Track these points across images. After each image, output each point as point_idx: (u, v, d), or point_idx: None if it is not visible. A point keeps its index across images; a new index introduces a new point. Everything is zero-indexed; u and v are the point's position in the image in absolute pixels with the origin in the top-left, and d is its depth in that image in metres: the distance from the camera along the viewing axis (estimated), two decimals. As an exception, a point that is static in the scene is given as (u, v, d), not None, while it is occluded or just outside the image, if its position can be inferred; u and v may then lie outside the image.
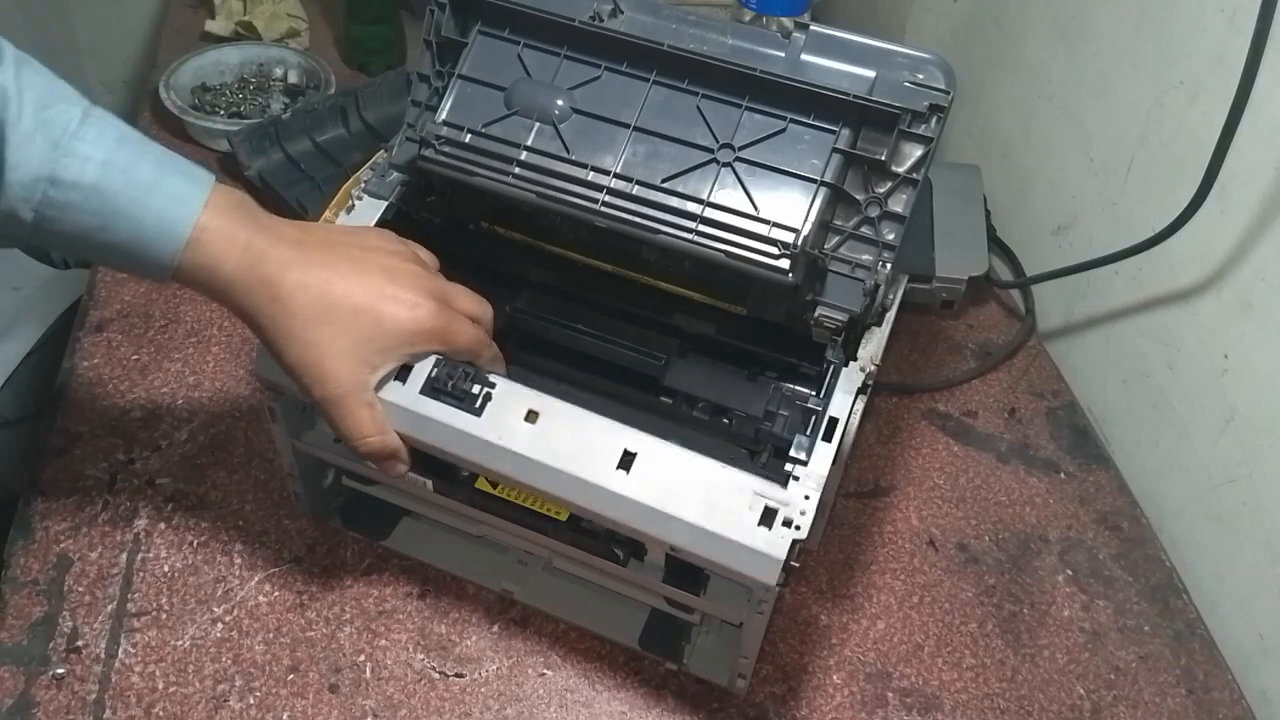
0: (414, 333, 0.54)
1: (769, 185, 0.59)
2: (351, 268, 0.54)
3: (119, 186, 0.49)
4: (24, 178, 0.48)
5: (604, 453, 0.53)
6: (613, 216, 0.60)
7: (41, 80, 0.50)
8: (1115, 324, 0.87)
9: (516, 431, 0.54)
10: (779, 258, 0.58)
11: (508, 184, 0.62)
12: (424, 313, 0.54)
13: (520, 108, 0.63)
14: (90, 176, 0.49)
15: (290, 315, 0.52)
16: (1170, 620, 0.73)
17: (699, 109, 0.61)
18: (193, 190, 0.51)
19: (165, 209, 0.50)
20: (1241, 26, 0.67)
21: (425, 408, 0.55)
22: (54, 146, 0.48)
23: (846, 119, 0.59)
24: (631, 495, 0.52)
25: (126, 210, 0.49)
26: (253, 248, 0.52)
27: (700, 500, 0.52)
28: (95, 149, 0.49)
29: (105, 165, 0.49)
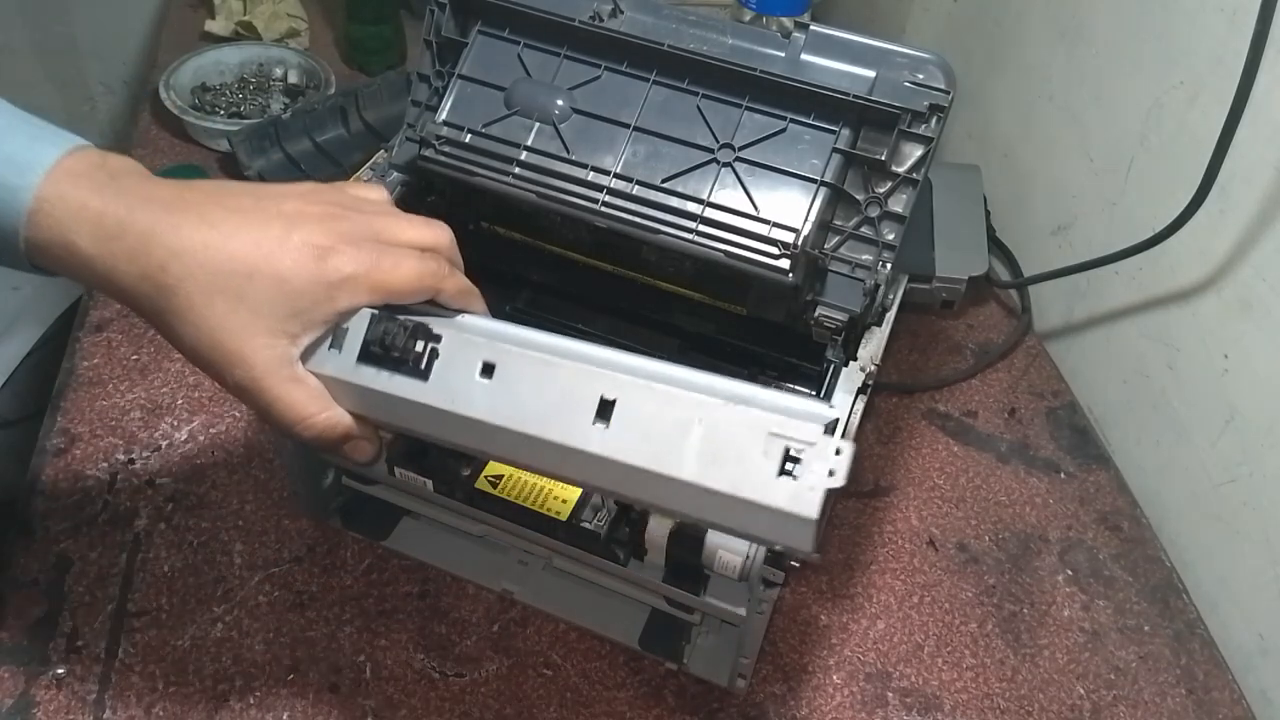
0: (330, 284, 0.43)
1: (769, 185, 0.59)
2: (240, 220, 0.43)
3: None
4: None
5: (577, 404, 0.43)
6: (613, 216, 0.60)
7: None
8: (1115, 324, 0.87)
9: (471, 392, 0.44)
10: (779, 258, 0.58)
11: (508, 184, 0.62)
12: (340, 260, 0.44)
13: (520, 107, 0.63)
14: None
15: (170, 293, 0.42)
16: (1170, 620, 0.73)
17: (699, 109, 0.61)
18: (34, 153, 0.41)
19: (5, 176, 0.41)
20: (1241, 26, 0.67)
21: (363, 377, 0.45)
22: None
23: (846, 119, 0.59)
24: (613, 454, 0.42)
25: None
26: (109, 215, 0.41)
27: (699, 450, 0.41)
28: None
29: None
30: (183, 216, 0.43)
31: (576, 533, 0.57)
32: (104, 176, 0.43)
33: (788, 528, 0.40)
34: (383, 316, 0.45)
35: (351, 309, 0.45)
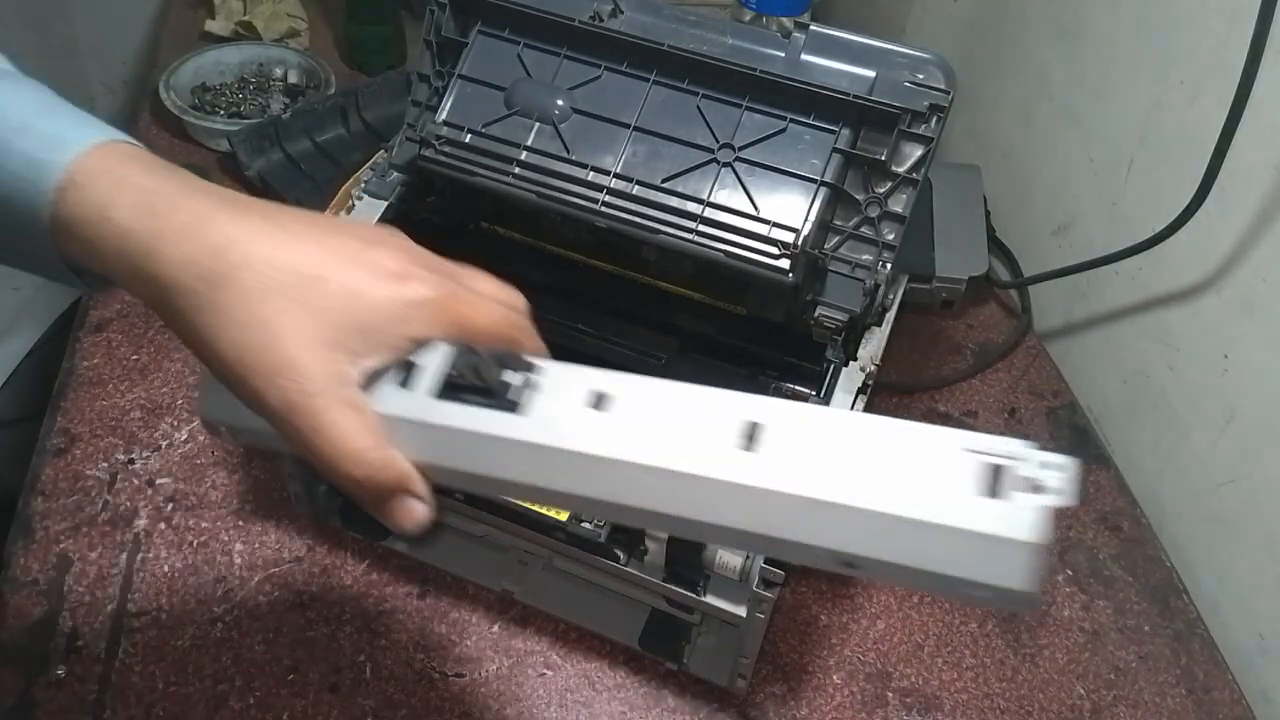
0: (407, 304, 0.37)
1: (769, 185, 0.60)
2: (311, 228, 0.38)
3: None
4: None
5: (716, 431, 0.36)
6: (613, 216, 0.60)
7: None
8: (1115, 324, 0.87)
9: (581, 425, 0.37)
10: (779, 258, 0.58)
11: (508, 184, 0.62)
12: (419, 284, 0.38)
13: (520, 107, 0.63)
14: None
15: (220, 281, 0.35)
16: (1170, 620, 0.73)
17: (699, 109, 0.61)
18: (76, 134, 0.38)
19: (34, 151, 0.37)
20: (1241, 26, 0.67)
21: (441, 414, 0.37)
22: None
23: (846, 119, 0.59)
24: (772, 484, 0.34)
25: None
26: (160, 193, 0.37)
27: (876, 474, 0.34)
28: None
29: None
30: (247, 210, 0.38)
31: (577, 534, 0.57)
32: (157, 163, 0.39)
33: (1000, 560, 0.32)
34: (466, 349, 0.38)
35: (424, 337, 0.38)
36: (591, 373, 0.38)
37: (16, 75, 0.40)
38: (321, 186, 0.92)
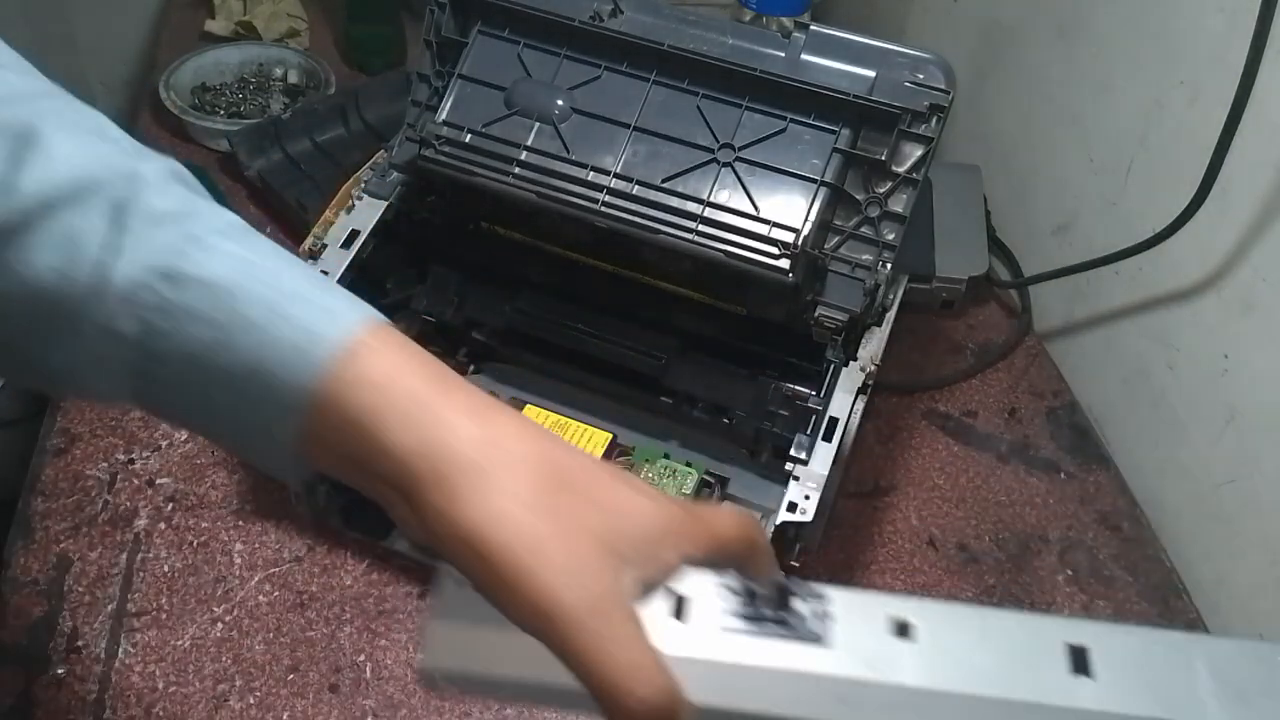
0: (669, 518, 0.35)
1: (769, 185, 0.60)
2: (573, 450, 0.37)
3: (255, 288, 0.35)
4: (134, 271, 0.34)
5: (1038, 656, 0.34)
6: (613, 216, 0.60)
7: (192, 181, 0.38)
8: (1115, 324, 0.87)
9: (894, 656, 0.34)
10: (779, 258, 0.58)
11: (508, 184, 0.62)
12: (673, 507, 0.36)
13: (520, 108, 0.63)
14: (223, 272, 0.35)
15: (502, 463, 0.34)
16: (1170, 620, 0.73)
17: (699, 109, 0.61)
18: (350, 306, 0.36)
19: (312, 320, 0.35)
20: (1241, 26, 0.67)
21: (733, 650, 0.34)
22: (187, 237, 0.35)
23: (847, 119, 0.59)
24: (1113, 708, 0.33)
25: (259, 320, 0.34)
26: (445, 372, 0.36)
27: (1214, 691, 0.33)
28: (236, 246, 0.36)
29: (245, 262, 0.35)
30: (521, 420, 0.36)
31: None
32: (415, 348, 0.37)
33: None
34: (735, 576, 0.36)
35: (686, 553, 0.36)
36: (880, 597, 0.35)
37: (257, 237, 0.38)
38: (321, 186, 0.92)
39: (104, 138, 0.36)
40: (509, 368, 0.72)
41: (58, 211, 0.34)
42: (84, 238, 0.34)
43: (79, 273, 0.34)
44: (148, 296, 0.34)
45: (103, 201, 0.34)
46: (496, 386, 0.69)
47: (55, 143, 0.34)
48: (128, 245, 0.34)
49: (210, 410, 0.36)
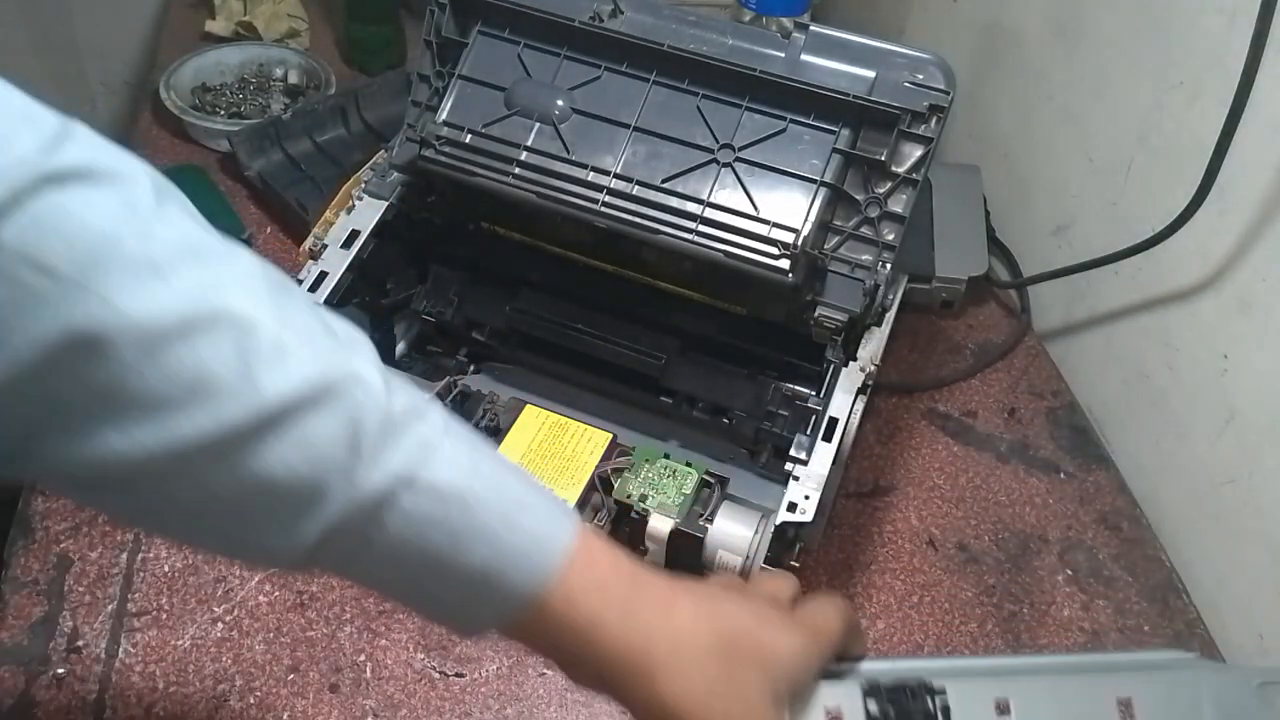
0: (807, 662, 0.43)
1: (769, 185, 0.60)
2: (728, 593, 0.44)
3: (487, 495, 0.38)
4: (378, 479, 0.36)
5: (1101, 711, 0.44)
6: (613, 217, 0.60)
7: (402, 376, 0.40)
8: (1115, 324, 0.87)
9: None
10: (779, 258, 0.58)
11: (508, 184, 0.62)
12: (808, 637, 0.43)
13: (520, 108, 0.63)
14: (458, 480, 0.37)
15: (688, 651, 0.40)
16: (1170, 620, 0.73)
17: (699, 109, 0.61)
18: (564, 511, 0.41)
19: (538, 528, 0.39)
20: (1241, 27, 0.67)
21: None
22: (423, 443, 0.37)
23: (846, 119, 0.59)
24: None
25: (488, 527, 0.37)
26: (637, 570, 0.41)
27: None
28: (457, 442, 0.38)
29: (473, 468, 0.38)
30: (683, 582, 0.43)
31: None
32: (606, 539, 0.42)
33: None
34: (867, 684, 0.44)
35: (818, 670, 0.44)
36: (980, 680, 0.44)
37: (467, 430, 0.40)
38: (321, 187, 0.92)
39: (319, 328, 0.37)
40: (509, 368, 0.72)
41: (300, 416, 0.34)
42: (327, 447, 0.35)
43: (322, 479, 0.35)
44: (389, 504, 0.36)
45: (340, 406, 0.35)
46: (497, 386, 0.69)
47: (284, 341, 0.35)
48: (368, 453, 0.35)
49: (422, 593, 0.39)
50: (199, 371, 0.33)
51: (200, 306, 0.33)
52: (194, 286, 0.33)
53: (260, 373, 0.34)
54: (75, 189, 0.32)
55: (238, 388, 0.33)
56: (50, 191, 0.31)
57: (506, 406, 0.63)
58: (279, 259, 0.90)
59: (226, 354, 0.33)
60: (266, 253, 0.90)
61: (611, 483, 0.58)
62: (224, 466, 0.34)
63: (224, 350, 0.33)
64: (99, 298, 0.31)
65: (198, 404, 0.33)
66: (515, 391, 0.68)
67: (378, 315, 0.70)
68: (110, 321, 0.31)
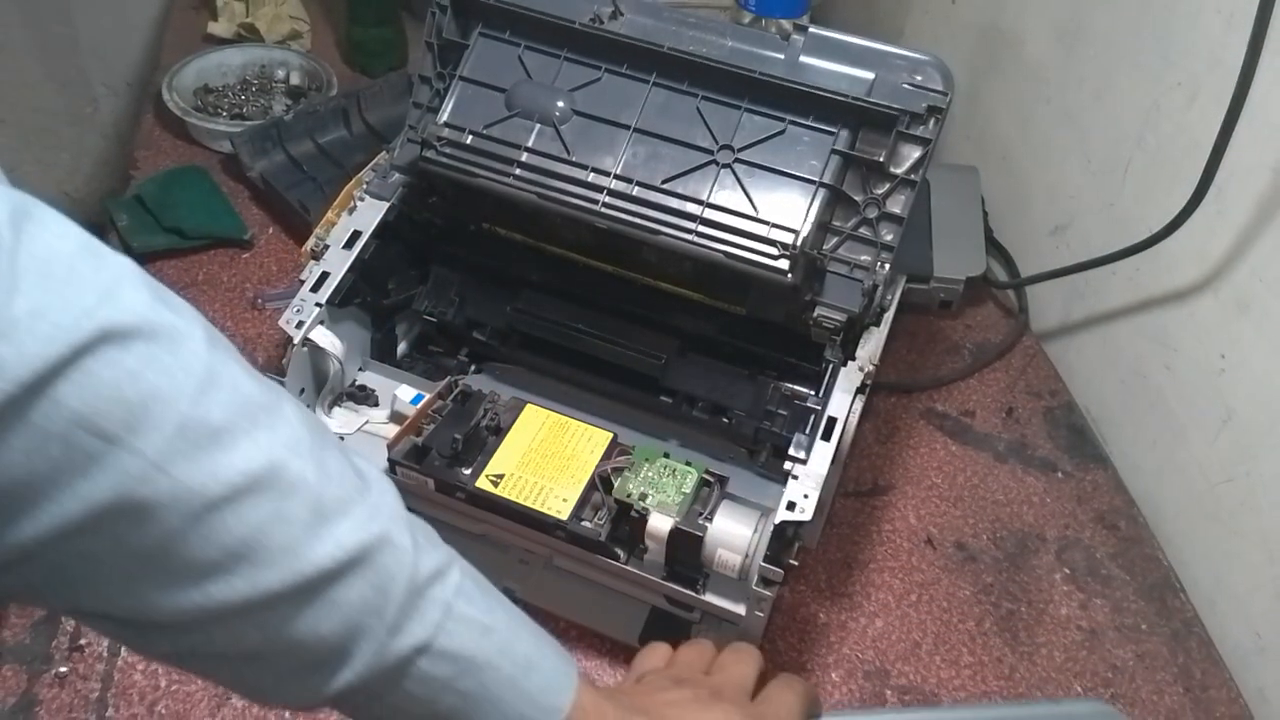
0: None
1: (768, 186, 0.60)
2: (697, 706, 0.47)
3: (497, 660, 0.39)
4: (402, 648, 0.37)
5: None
6: (613, 217, 0.61)
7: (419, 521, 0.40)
8: (1113, 324, 0.88)
9: None
10: (778, 258, 0.58)
11: (509, 185, 0.62)
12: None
13: (521, 109, 0.63)
14: (471, 646, 0.39)
15: None
16: (1168, 619, 0.73)
17: (699, 110, 0.61)
18: (565, 669, 0.43)
19: (541, 694, 0.41)
20: (1239, 28, 0.68)
21: None
22: (444, 608, 0.38)
23: (845, 120, 0.60)
24: None
25: (497, 692, 0.39)
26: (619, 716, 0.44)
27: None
28: (471, 605, 0.40)
29: (485, 631, 0.40)
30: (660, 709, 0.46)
31: (577, 533, 0.58)
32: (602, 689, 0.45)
33: None
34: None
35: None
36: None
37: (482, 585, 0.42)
38: (323, 188, 0.93)
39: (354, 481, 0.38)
40: (510, 367, 0.73)
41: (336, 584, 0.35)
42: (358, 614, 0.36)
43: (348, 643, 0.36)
44: (407, 668, 0.37)
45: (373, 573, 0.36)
46: (497, 386, 0.69)
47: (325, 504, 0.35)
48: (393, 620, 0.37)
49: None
50: (245, 540, 0.33)
51: (251, 472, 0.33)
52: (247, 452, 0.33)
53: (302, 541, 0.35)
54: (133, 347, 0.31)
55: (279, 557, 0.34)
56: (108, 350, 0.31)
57: (507, 406, 0.63)
58: (281, 259, 0.90)
59: (272, 520, 0.34)
60: (268, 253, 0.91)
61: (612, 482, 0.59)
62: (256, 626, 0.35)
63: (269, 516, 0.34)
64: (152, 464, 0.31)
65: (240, 571, 0.33)
66: (516, 391, 0.68)
67: (379, 315, 0.71)
68: (164, 488, 0.32)
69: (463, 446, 0.60)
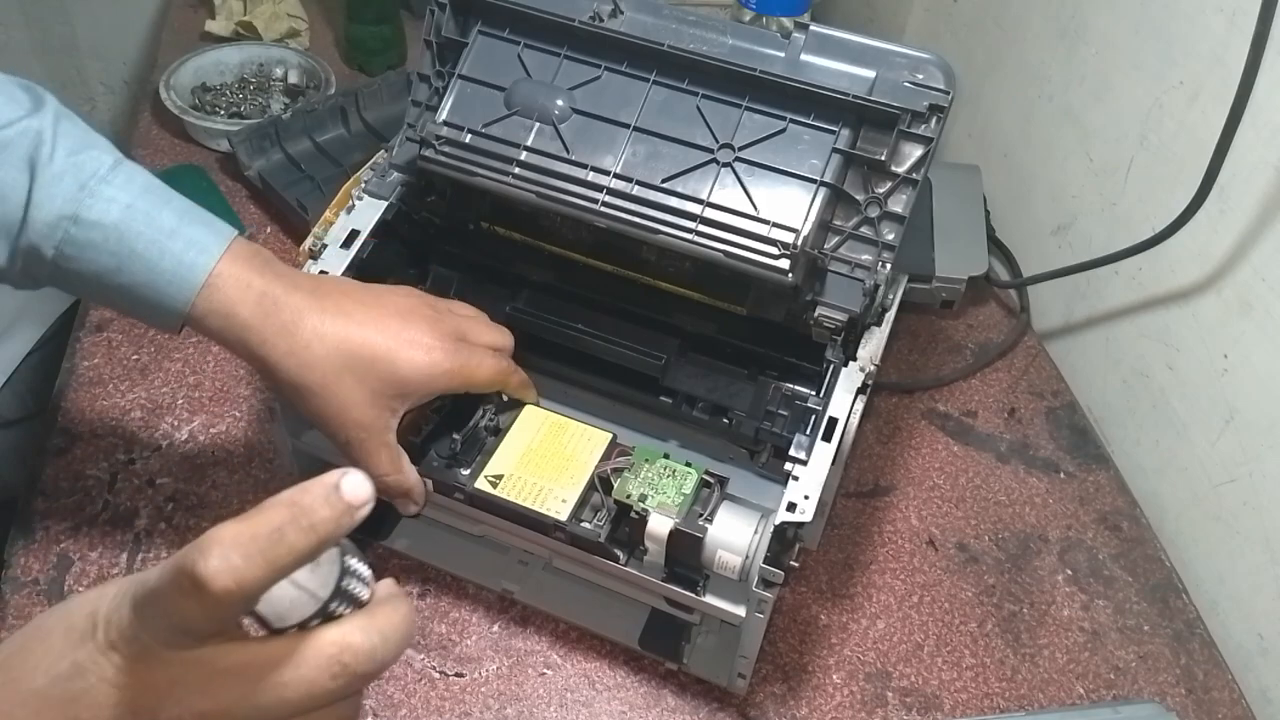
0: (432, 375, 0.55)
1: (769, 185, 0.59)
2: (366, 314, 0.55)
3: (140, 229, 0.50)
4: (48, 216, 0.49)
5: None
6: (613, 216, 0.60)
7: (77, 131, 0.52)
8: (1115, 324, 0.88)
9: None
10: (779, 258, 0.58)
11: (508, 184, 0.62)
12: (440, 354, 0.55)
13: (520, 108, 0.63)
14: (113, 217, 0.50)
15: (308, 367, 0.53)
16: (1170, 620, 0.73)
17: (699, 109, 0.61)
18: (212, 238, 0.52)
19: (183, 253, 0.51)
20: (1241, 27, 0.67)
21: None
22: (81, 187, 0.50)
23: (846, 119, 0.59)
24: None
25: (144, 253, 0.50)
26: (269, 295, 0.52)
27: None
28: (121, 193, 0.51)
29: (128, 208, 0.50)
30: (322, 303, 0.54)
31: (576, 534, 0.57)
32: (260, 261, 0.53)
33: None
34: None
35: (444, 393, 0.57)
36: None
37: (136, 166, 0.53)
38: (322, 186, 0.92)
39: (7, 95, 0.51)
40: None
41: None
42: (8, 189, 0.49)
43: (5, 214, 0.50)
44: (60, 233, 0.50)
45: (17, 159, 0.49)
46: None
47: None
48: (42, 196, 0.49)
49: (111, 303, 0.53)
50: None
51: None
52: None
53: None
54: None
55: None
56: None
57: (506, 406, 0.63)
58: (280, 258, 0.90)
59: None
60: (266, 253, 0.90)
61: (611, 482, 0.58)
62: None
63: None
64: None
65: None
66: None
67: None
68: None
69: (461, 447, 0.60)
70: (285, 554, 0.31)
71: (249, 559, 0.30)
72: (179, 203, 0.53)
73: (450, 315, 0.59)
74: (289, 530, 0.31)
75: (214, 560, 0.30)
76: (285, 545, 0.31)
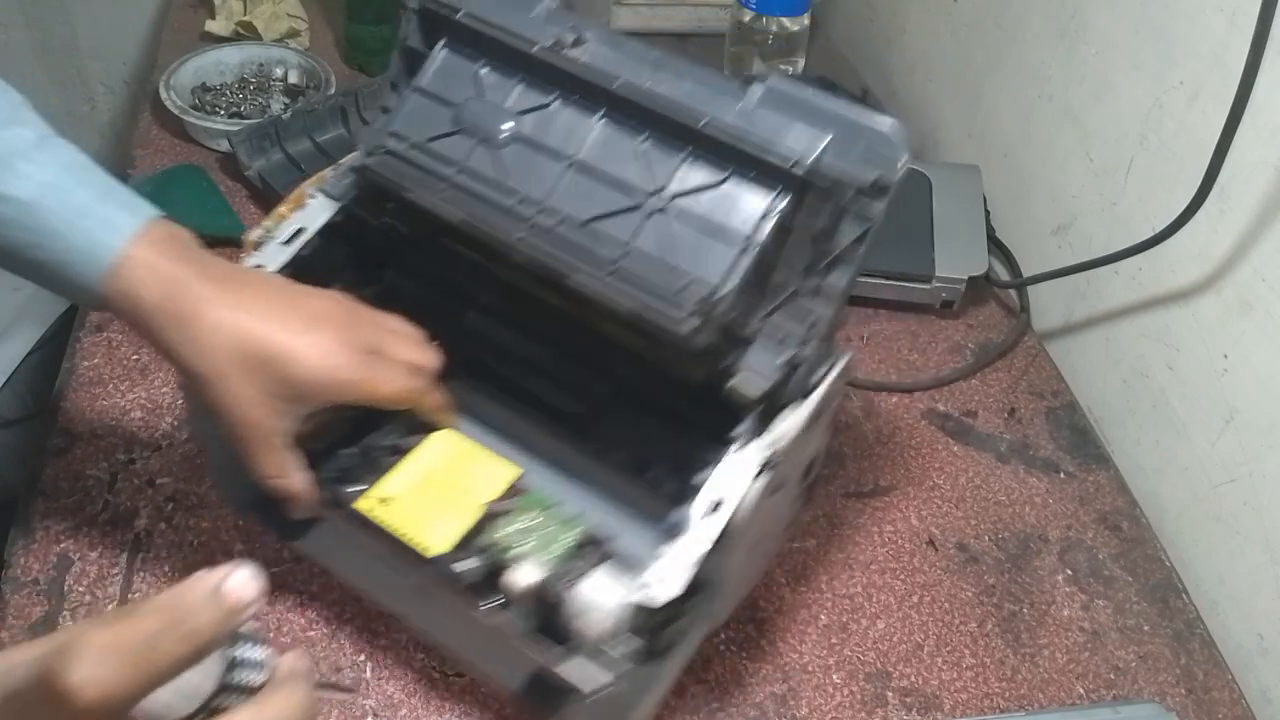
0: (327, 382, 0.53)
1: (695, 239, 0.55)
2: (273, 311, 0.53)
3: (53, 207, 0.50)
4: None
5: None
6: (531, 248, 0.57)
7: (5, 108, 0.53)
8: (1115, 324, 0.88)
9: None
10: (688, 317, 0.53)
11: (434, 202, 0.59)
12: (340, 361, 0.53)
13: (465, 127, 0.60)
14: (27, 193, 0.50)
15: (204, 355, 0.51)
16: (1170, 620, 0.73)
17: (641, 152, 0.57)
18: (125, 220, 0.51)
19: (93, 233, 0.50)
20: (1242, 27, 0.67)
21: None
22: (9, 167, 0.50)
23: (789, 182, 0.55)
24: None
25: (56, 230, 0.50)
26: (176, 280, 0.51)
27: None
28: (39, 170, 0.51)
29: (44, 185, 0.50)
30: (228, 295, 0.52)
31: (442, 571, 0.54)
32: (173, 246, 0.52)
33: None
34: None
35: (345, 403, 0.54)
36: None
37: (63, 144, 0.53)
38: (321, 187, 0.92)
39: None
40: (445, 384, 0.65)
41: None
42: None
43: None
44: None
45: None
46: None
47: None
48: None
49: (34, 278, 0.52)
50: None
51: None
52: None
53: None
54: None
55: None
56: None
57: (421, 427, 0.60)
58: (279, 259, 0.90)
59: None
60: (266, 253, 0.90)
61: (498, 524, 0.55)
62: None
63: None
64: None
65: None
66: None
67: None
68: None
69: (356, 462, 0.58)
70: (160, 662, 0.28)
71: (120, 669, 0.28)
72: (100, 181, 0.52)
73: (370, 326, 0.56)
74: (164, 638, 0.29)
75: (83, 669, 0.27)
76: (160, 654, 0.28)
